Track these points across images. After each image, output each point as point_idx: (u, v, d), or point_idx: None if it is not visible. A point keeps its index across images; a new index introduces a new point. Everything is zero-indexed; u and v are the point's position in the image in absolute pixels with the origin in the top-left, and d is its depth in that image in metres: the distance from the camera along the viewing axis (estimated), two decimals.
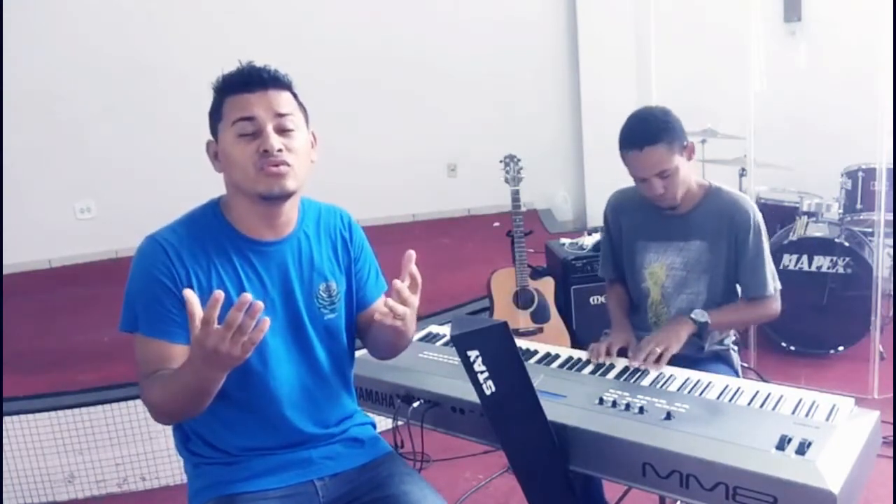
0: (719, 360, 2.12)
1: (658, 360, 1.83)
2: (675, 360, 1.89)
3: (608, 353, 1.90)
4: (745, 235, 2.02)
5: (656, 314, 2.15)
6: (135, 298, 1.43)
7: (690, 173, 2.02)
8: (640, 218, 2.13)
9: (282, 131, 1.43)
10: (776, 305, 2.10)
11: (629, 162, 1.99)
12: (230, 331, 1.18)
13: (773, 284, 2.06)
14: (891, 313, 3.48)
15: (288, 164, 1.42)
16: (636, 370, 1.82)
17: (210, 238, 1.47)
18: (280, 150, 1.40)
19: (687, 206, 2.07)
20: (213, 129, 1.48)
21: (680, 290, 2.09)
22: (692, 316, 1.99)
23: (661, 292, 2.12)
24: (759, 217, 2.05)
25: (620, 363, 1.87)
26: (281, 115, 1.42)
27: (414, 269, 1.41)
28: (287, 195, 1.45)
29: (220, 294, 1.18)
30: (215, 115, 1.47)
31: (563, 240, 3.61)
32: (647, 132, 1.94)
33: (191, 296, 1.19)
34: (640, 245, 2.14)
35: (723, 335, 2.17)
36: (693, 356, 2.06)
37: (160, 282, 1.41)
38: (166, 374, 1.36)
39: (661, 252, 2.10)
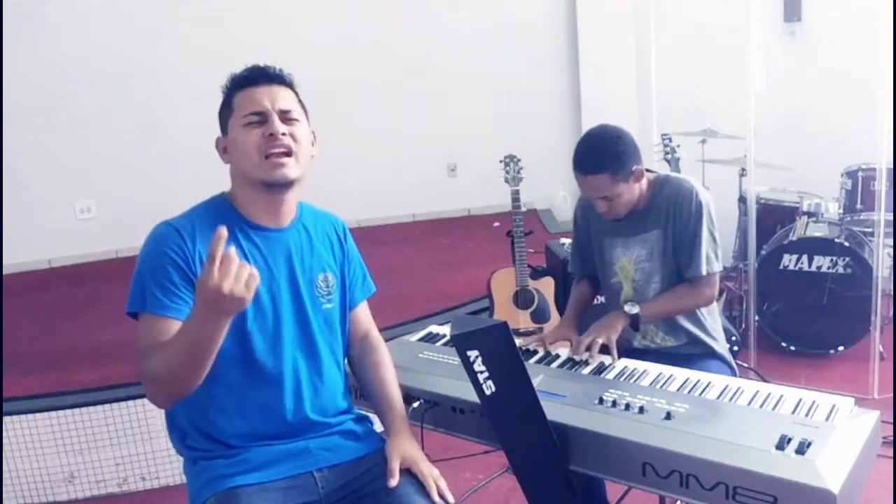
0: (715, 358, 2.13)
1: (603, 350, 1.88)
2: (670, 359, 1.92)
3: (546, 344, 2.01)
4: (686, 215, 2.04)
5: None
6: (144, 278, 1.46)
7: (637, 190, 2.05)
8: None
9: (286, 121, 1.53)
10: (709, 291, 2.08)
11: (576, 180, 2.05)
12: (230, 264, 1.22)
13: (707, 266, 2.04)
14: (891, 313, 3.48)
15: (291, 152, 1.51)
16: (634, 369, 1.83)
17: (219, 223, 1.50)
18: (284, 135, 1.50)
19: (643, 202, 2.10)
20: (223, 125, 1.57)
21: (648, 280, 2.12)
22: (625, 308, 2.02)
23: (632, 286, 2.14)
24: (704, 198, 2.05)
25: (608, 361, 1.88)
26: (285, 106, 1.53)
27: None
28: (288, 183, 1.53)
29: (223, 229, 1.23)
30: (225, 110, 1.56)
31: (563, 240, 3.61)
32: (592, 161, 2.00)
33: (221, 230, 1.23)
34: (607, 241, 2.18)
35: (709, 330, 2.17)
36: (687, 354, 2.07)
37: (172, 259, 1.46)
38: (167, 340, 1.37)
39: (627, 247, 2.13)
